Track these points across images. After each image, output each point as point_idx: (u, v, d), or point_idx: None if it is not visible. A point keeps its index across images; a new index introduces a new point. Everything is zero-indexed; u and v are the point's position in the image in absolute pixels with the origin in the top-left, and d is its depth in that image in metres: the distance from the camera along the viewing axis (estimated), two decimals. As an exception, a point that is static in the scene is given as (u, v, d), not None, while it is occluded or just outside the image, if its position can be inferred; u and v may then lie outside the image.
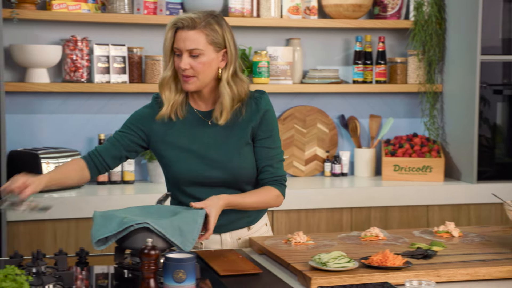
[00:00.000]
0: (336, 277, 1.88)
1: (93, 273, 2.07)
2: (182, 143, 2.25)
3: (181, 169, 2.24)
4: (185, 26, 2.15)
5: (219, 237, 2.32)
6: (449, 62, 3.85)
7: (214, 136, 2.24)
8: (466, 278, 1.95)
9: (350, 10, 3.76)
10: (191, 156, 2.24)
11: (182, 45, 2.16)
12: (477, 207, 3.69)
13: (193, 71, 2.17)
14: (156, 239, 1.92)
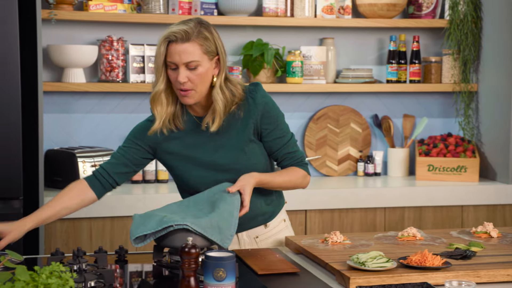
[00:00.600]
0: (374, 277, 1.88)
1: (132, 271, 2.09)
2: (187, 152, 2.23)
3: (190, 177, 2.23)
4: (179, 39, 2.10)
5: (236, 237, 2.31)
6: (484, 61, 3.81)
7: (216, 140, 2.21)
8: (507, 279, 1.93)
9: (385, 9, 3.75)
10: (197, 163, 2.22)
11: (178, 59, 2.10)
12: (513, 208, 3.65)
13: (191, 84, 2.12)
14: (195, 237, 1.94)
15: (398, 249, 2.16)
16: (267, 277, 1.98)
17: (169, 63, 2.12)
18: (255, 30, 3.77)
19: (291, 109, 3.85)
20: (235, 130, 2.21)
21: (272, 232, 2.37)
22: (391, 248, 2.18)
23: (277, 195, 2.38)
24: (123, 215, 3.27)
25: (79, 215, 3.21)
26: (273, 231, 2.37)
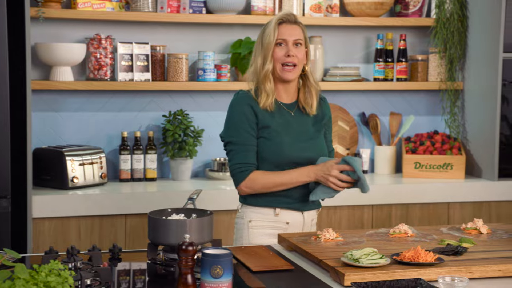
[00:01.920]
0: (369, 273, 1.89)
1: (127, 269, 2.09)
2: (281, 128, 2.46)
3: (284, 149, 2.43)
4: (288, 20, 2.45)
5: (301, 216, 2.50)
6: (470, 59, 3.85)
7: (299, 124, 2.50)
8: (498, 275, 1.96)
9: (372, 8, 3.77)
10: (291, 138, 2.46)
11: (288, 36, 2.44)
12: (498, 205, 3.69)
13: (296, 59, 2.43)
14: (192, 234, 1.95)
15: (390, 246, 2.19)
16: (262, 274, 1.99)
17: (279, 41, 2.44)
18: (244, 29, 3.78)
19: (279, 107, 3.86)
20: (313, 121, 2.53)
21: (315, 220, 2.60)
22: (384, 244, 2.20)
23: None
24: (112, 214, 3.26)
25: (68, 213, 3.20)
26: (316, 219, 2.59)
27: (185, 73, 3.62)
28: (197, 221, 2.05)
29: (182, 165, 3.65)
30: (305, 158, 2.46)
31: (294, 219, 2.49)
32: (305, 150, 2.47)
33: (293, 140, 2.46)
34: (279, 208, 2.47)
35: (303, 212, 2.50)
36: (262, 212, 2.48)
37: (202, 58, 3.64)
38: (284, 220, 2.48)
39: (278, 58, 2.44)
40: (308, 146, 2.48)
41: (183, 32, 3.73)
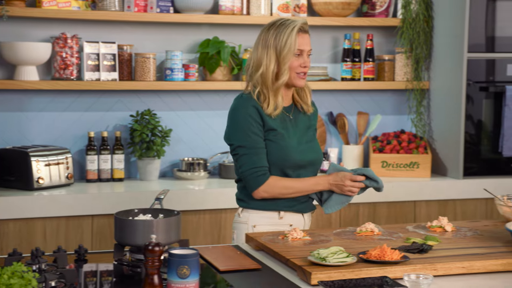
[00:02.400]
0: (335, 272, 1.91)
1: (93, 271, 2.07)
2: (285, 133, 2.47)
3: (289, 152, 2.45)
4: (306, 31, 2.48)
5: (302, 218, 2.54)
6: (436, 59, 3.90)
7: (298, 126, 2.53)
8: (462, 272, 1.98)
9: (339, 8, 3.80)
10: (295, 141, 2.48)
11: (306, 46, 2.46)
12: (463, 203, 3.74)
13: (307, 68, 2.49)
14: (159, 235, 1.94)
15: (357, 244, 2.20)
16: (230, 273, 1.99)
17: (297, 51, 2.45)
18: (211, 28, 3.77)
19: (247, 107, 3.86)
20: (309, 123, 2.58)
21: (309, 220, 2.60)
22: (350, 243, 2.22)
23: None
24: (78, 215, 3.23)
25: (33, 214, 3.16)
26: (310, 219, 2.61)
27: (152, 73, 3.60)
28: (164, 221, 2.04)
29: (149, 165, 3.63)
30: (307, 160, 2.50)
31: (296, 221, 2.52)
32: (307, 153, 2.50)
33: (296, 143, 2.49)
34: (283, 212, 2.48)
35: (303, 214, 2.54)
36: (267, 216, 2.48)
37: (169, 57, 3.62)
38: (288, 222, 2.50)
39: (294, 68, 2.45)
40: (308, 148, 2.52)
41: (150, 32, 3.71)
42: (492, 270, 2.00)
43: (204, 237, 3.42)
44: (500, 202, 2.47)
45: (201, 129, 3.82)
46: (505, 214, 2.45)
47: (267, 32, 2.47)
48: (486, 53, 3.72)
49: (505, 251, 2.11)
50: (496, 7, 3.69)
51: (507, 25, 3.71)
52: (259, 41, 2.49)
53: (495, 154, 3.77)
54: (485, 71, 3.73)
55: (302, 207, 2.53)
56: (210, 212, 3.44)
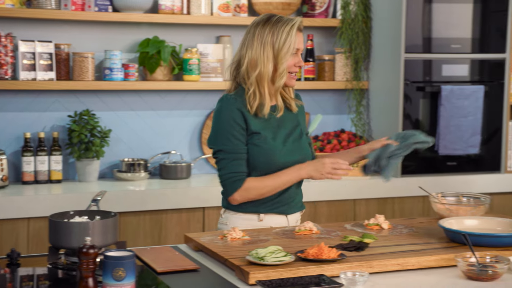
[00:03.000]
0: (273, 271, 1.91)
1: (26, 275, 2.02)
2: (271, 135, 2.40)
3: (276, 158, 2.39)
4: (301, 29, 2.40)
5: (285, 219, 2.48)
6: (374, 59, 3.96)
7: (285, 126, 2.45)
8: (397, 268, 2.02)
9: (280, 8, 3.81)
10: (280, 145, 2.41)
11: (301, 45, 2.40)
12: (401, 200, 3.81)
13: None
14: (95, 237, 1.91)
15: (295, 243, 2.21)
16: (167, 275, 1.97)
17: (294, 50, 2.37)
18: (151, 27, 3.74)
19: (188, 107, 3.85)
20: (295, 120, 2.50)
21: (300, 221, 2.56)
22: (289, 242, 2.23)
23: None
24: (13, 218, 3.15)
25: (-33, 218, 3.07)
26: (299, 221, 2.56)
27: (91, 72, 3.55)
28: (100, 223, 2.00)
29: (88, 166, 3.57)
30: (293, 162, 2.42)
31: (278, 223, 2.46)
32: (293, 153, 2.43)
33: (282, 144, 2.41)
34: (263, 214, 2.43)
35: (287, 216, 2.48)
36: (246, 218, 2.43)
37: (108, 57, 3.57)
38: (268, 224, 2.44)
39: (289, 67, 2.37)
40: (295, 148, 2.44)
41: (88, 31, 3.65)
42: (426, 266, 2.05)
43: (145, 239, 3.39)
44: (435, 200, 2.53)
45: (141, 130, 3.78)
46: (439, 211, 2.51)
47: (262, 29, 2.35)
48: (422, 53, 3.80)
49: (439, 247, 2.16)
50: (432, 9, 3.78)
51: (443, 26, 3.80)
52: (253, 37, 2.35)
53: (432, 152, 3.85)
54: (422, 71, 3.81)
55: (285, 209, 2.46)
56: (150, 213, 3.40)
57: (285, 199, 2.45)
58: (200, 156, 3.88)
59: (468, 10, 3.85)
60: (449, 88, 3.79)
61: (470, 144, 3.86)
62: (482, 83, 3.89)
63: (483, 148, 3.93)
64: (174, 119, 3.82)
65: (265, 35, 2.33)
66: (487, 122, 3.93)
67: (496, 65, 3.93)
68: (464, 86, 3.83)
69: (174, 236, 3.43)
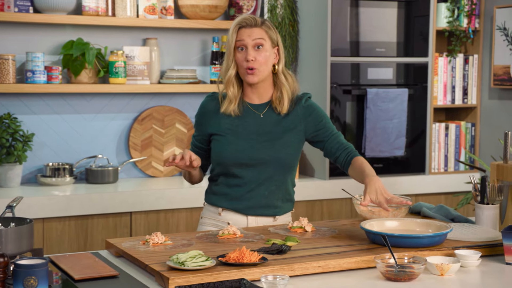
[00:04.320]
0: (194, 276, 1.89)
1: None
2: (234, 130, 2.46)
3: (229, 149, 2.45)
4: (248, 25, 2.42)
5: (245, 219, 2.50)
6: (302, 63, 4.00)
7: (264, 125, 2.47)
8: (318, 271, 2.03)
9: (206, 10, 3.80)
10: (240, 139, 2.45)
11: (247, 39, 2.40)
12: (329, 202, 3.85)
13: (257, 63, 2.40)
14: (8, 244, 1.84)
15: (218, 247, 2.20)
16: (85, 282, 1.92)
17: (238, 45, 2.41)
18: (75, 29, 3.66)
19: (115, 110, 3.78)
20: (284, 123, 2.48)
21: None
22: (212, 246, 2.21)
23: (291, 197, 2.60)
24: None
25: None
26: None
27: (12, 75, 3.45)
28: (14, 230, 1.94)
29: (10, 171, 3.46)
30: (256, 159, 2.45)
31: (236, 221, 2.49)
32: (258, 151, 2.45)
33: (246, 141, 2.45)
34: (221, 208, 2.51)
35: (247, 216, 2.50)
36: (210, 209, 2.55)
37: (30, 59, 3.48)
38: (226, 220, 2.50)
39: (240, 63, 2.42)
40: (264, 147, 2.45)
41: (8, 32, 3.55)
42: (346, 268, 2.06)
43: (70, 245, 3.31)
44: (357, 202, 2.56)
45: (66, 133, 3.70)
46: (362, 213, 2.54)
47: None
48: (349, 57, 3.85)
49: (359, 249, 2.18)
50: (359, 13, 3.83)
51: (368, 30, 3.87)
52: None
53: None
54: (348, 74, 3.87)
55: (241, 208, 2.49)
56: (76, 219, 3.33)
57: (245, 201, 2.49)
58: (127, 160, 3.82)
59: (393, 15, 3.92)
60: (374, 91, 3.85)
61: (396, 146, 3.94)
62: (406, 86, 3.98)
63: (408, 150, 4.02)
64: (100, 123, 3.75)
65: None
66: (412, 124, 4.02)
67: (420, 68, 4.02)
68: (389, 89, 3.90)
69: (100, 241, 3.37)
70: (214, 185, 2.56)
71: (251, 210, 2.50)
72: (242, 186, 2.49)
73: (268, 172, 2.48)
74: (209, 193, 2.58)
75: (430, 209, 2.66)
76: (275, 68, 2.47)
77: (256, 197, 2.49)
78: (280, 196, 2.53)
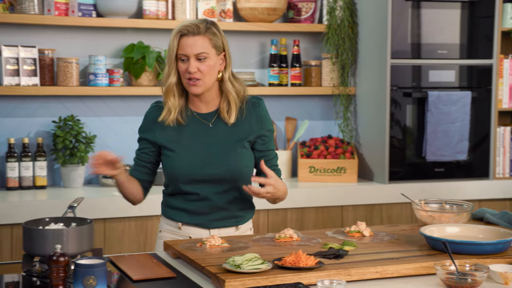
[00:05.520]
0: (249, 279, 1.89)
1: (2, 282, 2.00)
2: (185, 144, 2.35)
3: (181, 167, 2.34)
4: (190, 33, 2.28)
5: (208, 232, 2.40)
6: (361, 65, 3.95)
7: (214, 136, 2.36)
8: (376, 276, 2.00)
9: (265, 13, 3.80)
10: (191, 154, 2.34)
11: (189, 50, 2.27)
12: (389, 207, 3.79)
13: (200, 74, 2.28)
14: (69, 244, 1.88)
15: (275, 251, 2.19)
16: (143, 282, 1.94)
17: (180, 55, 2.29)
18: (136, 33, 3.72)
19: (174, 113, 3.82)
20: (234, 131, 2.37)
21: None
22: (268, 249, 2.20)
23: (251, 204, 2.48)
24: (-3, 224, 3.13)
25: None
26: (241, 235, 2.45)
27: (75, 78, 3.53)
28: (75, 230, 1.98)
29: (73, 172, 3.54)
30: (210, 175, 2.34)
31: (198, 234, 2.40)
32: (211, 167, 2.34)
33: (199, 156, 2.34)
34: (180, 223, 2.41)
35: (209, 230, 2.40)
36: (169, 223, 2.44)
37: (93, 62, 3.55)
38: (187, 234, 2.41)
39: (183, 74, 2.30)
40: (217, 161, 2.34)
41: (72, 36, 3.63)
42: (405, 274, 2.02)
43: (130, 245, 3.36)
44: (417, 207, 2.51)
45: (127, 135, 3.76)
46: (421, 218, 2.49)
47: None
48: (409, 59, 3.78)
49: (418, 255, 2.13)
50: (420, 14, 3.77)
51: (430, 32, 3.79)
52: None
53: (419, 158, 3.84)
54: (409, 77, 3.80)
55: (202, 222, 2.39)
56: (135, 219, 3.38)
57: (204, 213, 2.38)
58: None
59: (456, 16, 3.84)
60: (435, 94, 3.77)
61: (458, 150, 3.85)
62: (469, 89, 3.88)
63: (471, 154, 3.92)
64: (160, 125, 3.79)
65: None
66: (475, 128, 3.92)
67: (484, 71, 3.92)
68: (451, 92, 3.82)
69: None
70: (169, 198, 2.44)
71: (213, 223, 2.40)
72: (199, 201, 2.37)
73: (225, 186, 2.37)
74: (166, 206, 2.45)
75: (494, 215, 2.58)
76: (222, 76, 2.35)
77: (216, 211, 2.39)
78: (240, 207, 2.43)
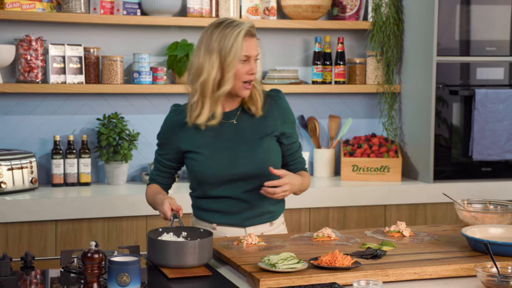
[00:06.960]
0: (284, 278, 1.87)
1: (40, 278, 2.03)
2: (211, 145, 2.32)
3: (210, 168, 2.31)
4: (252, 34, 2.27)
5: (243, 231, 2.38)
6: (406, 63, 3.88)
7: (240, 133, 2.33)
8: (414, 277, 1.96)
9: (309, 10, 3.77)
10: (219, 154, 2.31)
11: (254, 52, 2.26)
12: (433, 207, 3.72)
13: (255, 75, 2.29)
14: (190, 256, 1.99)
15: (312, 250, 2.17)
16: (178, 280, 1.95)
17: (244, 57, 2.24)
18: (180, 31, 3.74)
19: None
20: (258, 126, 2.33)
21: (275, 231, 2.44)
22: (305, 249, 2.18)
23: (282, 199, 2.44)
24: (42, 220, 3.18)
25: (-5, 219, 3.11)
26: (276, 230, 2.45)
27: (120, 76, 3.57)
28: (199, 243, 2.04)
29: (117, 169, 3.58)
30: (240, 174, 2.31)
31: (234, 233, 2.38)
32: (239, 166, 2.30)
33: (227, 155, 2.31)
34: (215, 224, 2.40)
35: (245, 228, 2.38)
36: (203, 224, 2.42)
37: (137, 60, 3.58)
38: (223, 234, 2.39)
39: (241, 76, 2.23)
40: (245, 158, 2.31)
41: (117, 34, 3.67)
42: (444, 276, 1.98)
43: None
44: (460, 207, 2.45)
45: (170, 133, 3.78)
46: (464, 218, 2.43)
47: (210, 35, 2.24)
48: (456, 56, 3.70)
49: (459, 256, 2.08)
50: (470, 10, 3.68)
51: (478, 28, 3.70)
52: (201, 44, 2.26)
53: (465, 157, 3.75)
54: (455, 74, 3.72)
55: (237, 222, 2.37)
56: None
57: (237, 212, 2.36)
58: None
59: (506, 12, 3.74)
60: (483, 92, 3.68)
61: (506, 150, 3.75)
62: (518, 87, 3.78)
63: (520, 153, 3.81)
64: (203, 123, 3.80)
65: (213, 41, 2.23)
66: (524, 127, 3.80)
67: (534, 68, 3.80)
68: (499, 89, 3.72)
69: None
70: (198, 200, 2.42)
71: (247, 221, 2.38)
72: (231, 200, 2.35)
73: (254, 183, 2.32)
74: (197, 208, 2.43)
75: None
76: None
77: (250, 209, 2.36)
78: (272, 201, 2.38)
